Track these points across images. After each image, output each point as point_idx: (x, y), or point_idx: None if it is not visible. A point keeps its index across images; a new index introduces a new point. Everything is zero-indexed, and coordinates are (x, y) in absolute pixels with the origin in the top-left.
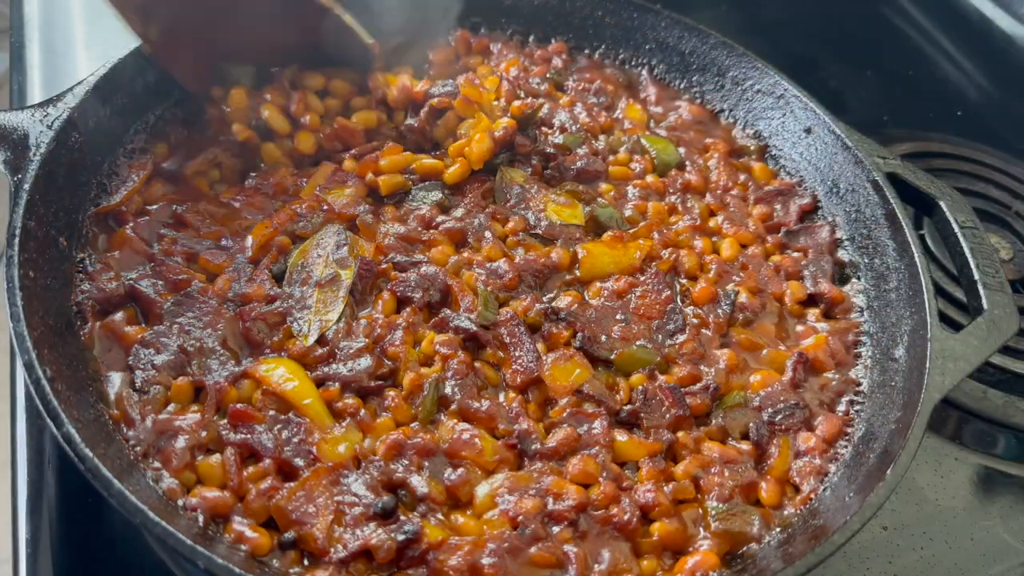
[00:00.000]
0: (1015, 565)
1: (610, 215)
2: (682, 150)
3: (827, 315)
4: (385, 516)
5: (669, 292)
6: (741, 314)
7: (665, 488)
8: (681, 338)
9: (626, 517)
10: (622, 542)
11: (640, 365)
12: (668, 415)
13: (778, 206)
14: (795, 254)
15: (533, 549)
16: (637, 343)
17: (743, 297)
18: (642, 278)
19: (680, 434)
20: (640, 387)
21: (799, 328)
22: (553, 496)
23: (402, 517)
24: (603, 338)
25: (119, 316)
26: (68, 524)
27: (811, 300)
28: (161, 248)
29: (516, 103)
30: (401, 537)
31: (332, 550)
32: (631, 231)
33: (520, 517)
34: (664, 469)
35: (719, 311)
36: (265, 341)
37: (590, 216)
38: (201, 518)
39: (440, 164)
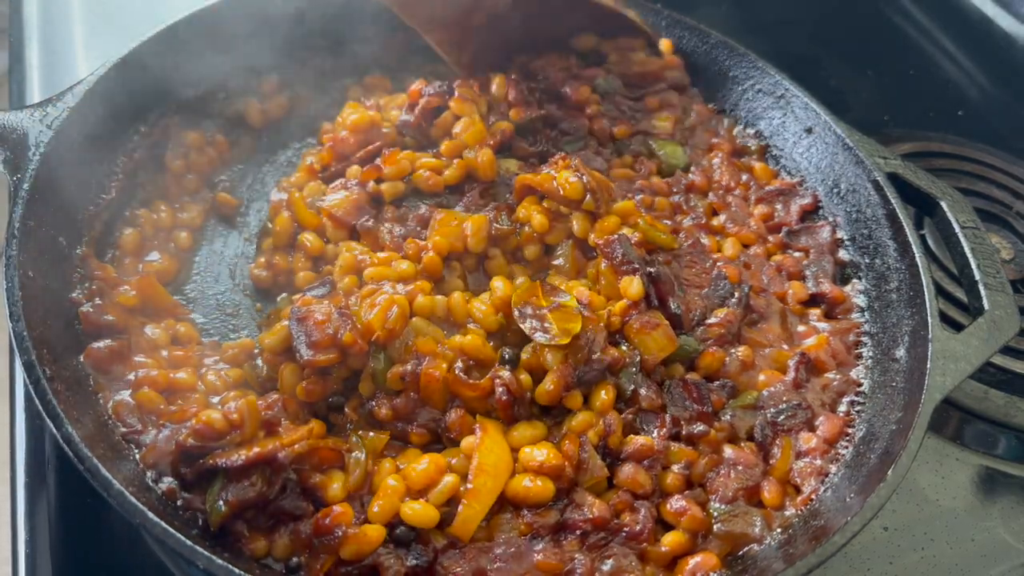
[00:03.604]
0: (1016, 566)
1: None
2: (688, 151)
3: (828, 315)
4: (402, 544)
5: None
6: (748, 315)
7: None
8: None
9: (638, 528)
10: (628, 550)
11: (682, 356)
12: (690, 409)
13: (779, 206)
14: (796, 254)
15: (539, 556)
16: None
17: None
18: None
19: (700, 429)
20: (676, 379)
21: (801, 328)
22: (575, 505)
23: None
24: None
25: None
26: (67, 524)
27: (812, 300)
28: None
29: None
30: (412, 562)
31: None
32: None
33: (536, 525)
34: (688, 475)
35: (731, 304)
36: None
37: None
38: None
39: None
